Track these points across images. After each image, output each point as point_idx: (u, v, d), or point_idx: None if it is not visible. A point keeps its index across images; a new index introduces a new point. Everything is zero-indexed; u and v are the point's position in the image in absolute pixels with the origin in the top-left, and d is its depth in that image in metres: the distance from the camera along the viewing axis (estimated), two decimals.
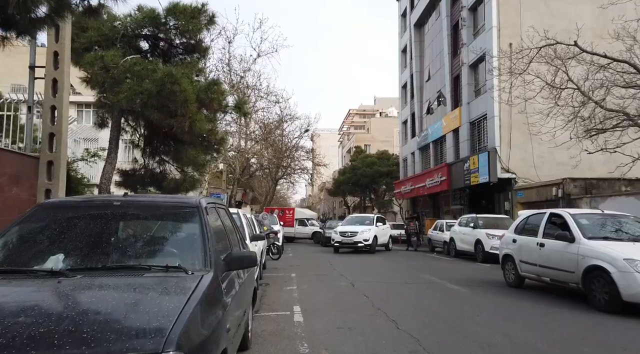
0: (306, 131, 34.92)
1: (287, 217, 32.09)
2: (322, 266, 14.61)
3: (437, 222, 22.45)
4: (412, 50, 36.09)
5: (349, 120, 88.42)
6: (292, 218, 32.20)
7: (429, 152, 33.64)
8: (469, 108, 26.54)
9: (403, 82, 39.83)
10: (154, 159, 11.40)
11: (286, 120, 30.99)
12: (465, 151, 26.72)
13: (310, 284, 10.24)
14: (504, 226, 16.66)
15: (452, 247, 18.41)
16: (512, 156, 23.53)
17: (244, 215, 11.44)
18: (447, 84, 29.45)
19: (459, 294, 9.06)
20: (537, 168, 23.28)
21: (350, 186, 47.86)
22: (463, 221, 18.12)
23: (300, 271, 12.95)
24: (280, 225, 24.43)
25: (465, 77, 26.88)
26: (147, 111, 9.27)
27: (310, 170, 37.85)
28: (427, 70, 33.98)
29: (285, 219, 31.64)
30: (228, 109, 10.76)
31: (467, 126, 26.64)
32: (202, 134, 11.28)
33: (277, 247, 17.21)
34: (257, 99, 24.37)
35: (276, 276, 11.96)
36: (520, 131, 23.59)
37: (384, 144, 55.03)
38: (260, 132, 29.67)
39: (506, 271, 10.02)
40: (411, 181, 35.26)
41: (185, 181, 10.65)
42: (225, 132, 12.97)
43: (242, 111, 10.94)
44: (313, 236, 31.34)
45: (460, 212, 29.13)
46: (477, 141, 26.16)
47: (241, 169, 28.43)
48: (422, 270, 13.60)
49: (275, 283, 10.49)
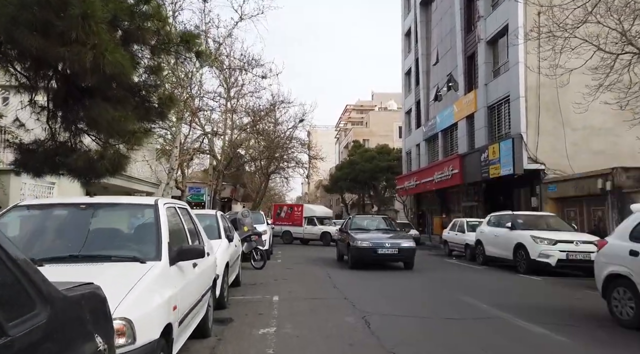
0: (301, 120, 30.78)
1: (295, 215, 27.52)
2: (317, 281, 10.65)
3: (456, 221, 18.54)
4: (418, 32, 32.14)
5: (346, 116, 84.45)
6: (300, 216, 27.31)
7: (436, 143, 29.74)
8: (487, 90, 22.64)
9: (407, 68, 35.90)
10: (67, 127, 7.43)
11: (279, 107, 26.89)
12: (482, 139, 22.83)
13: (297, 322, 6.29)
14: (554, 226, 12.78)
15: (480, 252, 14.50)
16: (541, 143, 19.64)
17: (221, 215, 9.26)
18: (460, 65, 25.54)
19: (554, 346, 5.18)
20: (570, 158, 19.41)
21: (348, 182, 43.92)
22: (494, 219, 14.22)
23: (287, 291, 8.99)
24: (268, 224, 20.46)
25: (482, 55, 22.98)
26: (18, 32, 5.33)
27: (305, 164, 33.78)
28: (434, 52, 30.05)
29: (294, 217, 27.31)
30: (171, 46, 6.85)
31: (485, 110, 22.74)
32: (134, 88, 7.33)
33: (261, 253, 13.28)
34: (240, 72, 20.32)
35: (250, 300, 8.00)
36: (550, 114, 19.72)
37: (383, 139, 51.08)
38: (248, 118, 25.64)
39: (617, 301, 6.09)
40: (416, 176, 31.37)
41: (103, 158, 6.67)
42: (175, 85, 8.66)
43: (195, 50, 7.03)
44: (322, 238, 25.90)
45: (473, 210, 25.28)
46: (496, 128, 22.27)
47: (226, 160, 24.40)
48: (456, 287, 9.66)
49: (243, 318, 6.54)
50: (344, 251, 14.27)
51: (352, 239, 13.04)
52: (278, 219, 29.03)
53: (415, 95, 33.62)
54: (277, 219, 29.42)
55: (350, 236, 13.34)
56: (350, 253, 13.04)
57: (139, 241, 4.01)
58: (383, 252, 12.57)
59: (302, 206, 28.75)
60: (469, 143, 24.62)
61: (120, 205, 4.50)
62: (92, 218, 4.12)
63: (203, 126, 19.55)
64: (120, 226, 4.35)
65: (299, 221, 26.74)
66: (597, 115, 18.61)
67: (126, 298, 2.90)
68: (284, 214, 28.12)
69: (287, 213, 27.91)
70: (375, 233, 13.71)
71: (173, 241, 4.14)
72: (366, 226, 14.70)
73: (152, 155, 15.95)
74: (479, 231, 14.82)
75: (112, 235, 4.15)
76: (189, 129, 18.65)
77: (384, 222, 15.18)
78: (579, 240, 11.52)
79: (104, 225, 4.25)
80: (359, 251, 12.70)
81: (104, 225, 4.25)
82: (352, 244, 12.92)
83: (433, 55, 30.29)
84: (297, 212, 27.37)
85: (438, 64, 29.41)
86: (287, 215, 27.83)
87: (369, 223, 15.06)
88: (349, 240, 13.21)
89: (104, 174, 7.16)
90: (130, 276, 3.20)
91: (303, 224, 26.55)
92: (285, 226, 27.38)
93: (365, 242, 12.76)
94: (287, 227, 27.19)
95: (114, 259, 3.61)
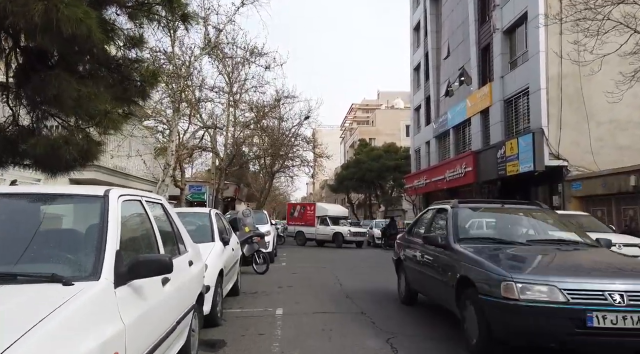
0: (306, 118, 29.47)
1: (308, 214, 25.75)
2: (327, 289, 9.34)
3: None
4: (427, 25, 30.77)
5: (351, 115, 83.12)
6: (313, 216, 25.32)
7: (448, 140, 28.34)
8: (503, 83, 21.25)
9: (415, 64, 34.51)
10: (33, 108, 6.19)
11: (284, 102, 25.59)
12: (498, 135, 21.44)
13: (307, 348, 4.99)
14: (589, 227, 11.39)
15: None
16: (563, 138, 18.23)
17: (216, 214, 7.71)
18: (473, 58, 24.16)
19: None
20: (595, 153, 18.01)
21: (354, 181, 42.64)
22: None
23: (292, 302, 7.70)
24: (272, 224, 19.18)
25: (497, 45, 21.59)
26: None
27: (311, 162, 32.43)
28: (445, 45, 28.67)
29: (307, 217, 25.63)
30: (151, 6, 5.55)
31: (501, 104, 21.35)
32: (112, 62, 6.08)
33: (264, 256, 12.00)
34: (243, 65, 19.04)
35: (249, 314, 6.71)
36: (573, 107, 18.32)
37: (390, 138, 49.75)
38: (251, 114, 24.35)
39: None
40: (425, 174, 29.98)
41: (68, 144, 5.38)
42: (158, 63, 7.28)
43: (180, 13, 5.74)
44: (334, 239, 23.70)
45: None
46: (513, 122, 20.88)
47: (228, 157, 23.14)
48: None
49: (239, 340, 5.24)
50: (434, 289, 6.15)
51: (487, 277, 4.46)
52: (291, 219, 27.45)
53: (424, 91, 32.25)
54: (290, 219, 27.93)
55: (471, 263, 4.90)
56: (490, 317, 4.31)
57: (70, 250, 2.67)
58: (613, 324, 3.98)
59: (315, 204, 26.95)
60: (484, 139, 23.24)
61: (52, 197, 3.06)
62: (7, 214, 2.84)
63: (204, 120, 18.29)
64: (47, 226, 2.92)
65: (312, 221, 25.03)
66: (623, 108, 17.22)
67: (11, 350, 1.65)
68: (297, 213, 26.59)
69: (300, 213, 26.35)
70: (545, 254, 5.22)
71: (131, 249, 2.92)
72: (504, 234, 6.13)
73: (148, 150, 14.71)
74: None
75: (30, 241, 2.68)
76: (188, 122, 17.44)
77: (546, 225, 6.41)
78: (621, 242, 10.16)
79: (21, 226, 2.84)
80: (528, 320, 4.06)
81: (21, 226, 2.84)
82: (491, 296, 4.32)
83: (444, 48, 28.91)
84: (309, 212, 25.63)
85: (449, 57, 28.03)
86: (300, 214, 26.29)
87: (504, 226, 6.62)
88: (471, 274, 4.75)
89: (72, 164, 5.87)
90: (34, 309, 1.97)
91: (315, 224, 24.79)
92: (299, 226, 25.86)
93: (555, 292, 4.04)
94: (301, 228, 25.65)
95: (20, 279, 2.29)
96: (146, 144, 14.96)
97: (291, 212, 27.40)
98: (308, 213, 25.67)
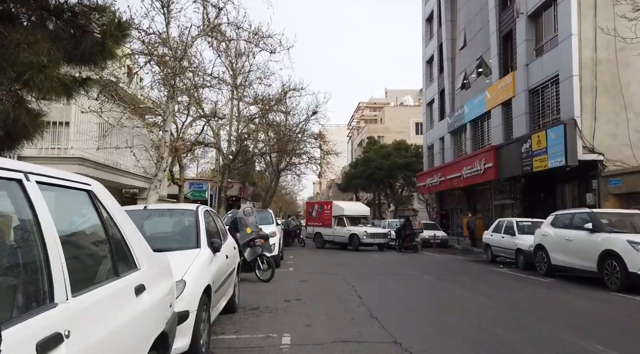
0: (314, 113, 27.74)
1: (325, 214, 22.91)
2: (343, 304, 7.62)
3: (501, 221, 15.38)
4: (442, 15, 28.99)
5: (358, 114, 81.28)
6: (329, 215, 22.41)
7: (464, 135, 26.56)
8: (528, 72, 19.45)
9: (428, 56, 32.72)
10: None
11: (291, 96, 23.81)
12: (522, 128, 19.63)
13: None
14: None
15: (542, 259, 11.38)
16: (598, 130, 16.41)
17: (205, 213, 5.77)
18: (493, 46, 22.36)
19: None
20: (634, 147, 16.20)
21: (363, 180, 40.86)
22: (563, 219, 11.06)
23: (303, 324, 6.00)
24: (278, 224, 17.46)
25: (521, 31, 19.79)
26: None
27: (318, 160, 30.68)
28: (461, 35, 26.87)
29: (324, 216, 22.87)
30: None
31: (525, 95, 19.54)
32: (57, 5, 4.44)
33: (268, 261, 10.33)
34: (247, 54, 17.39)
35: (247, 344, 5.00)
36: (609, 95, 16.50)
37: (399, 135, 47.91)
38: (256, 108, 22.65)
39: None
40: (440, 172, 28.19)
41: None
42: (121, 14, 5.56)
43: None
44: (350, 241, 20.83)
45: (507, 209, 22.13)
46: (540, 114, 19.07)
47: (231, 154, 21.48)
48: (542, 316, 6.60)
49: None
50: None
51: None
52: (310, 219, 25.07)
53: (438, 84, 30.47)
54: (309, 219, 25.48)
55: None
56: None
57: None
58: None
59: (332, 203, 23.79)
60: (505, 133, 21.45)
61: None
62: None
63: (202, 108, 16.59)
64: None
65: (329, 221, 22.36)
66: None
67: None
68: (315, 213, 24.06)
69: (318, 212, 23.75)
70: None
71: None
72: None
73: (140, 141, 13.06)
74: (539, 234, 11.68)
75: None
76: (187, 113, 15.77)
77: None
78: None
79: None
80: None
81: None
82: None
83: (460, 38, 27.12)
84: (326, 211, 22.92)
85: (466, 47, 26.23)
86: (317, 214, 23.74)
87: None
88: None
89: None
90: None
91: (332, 225, 22.07)
92: (317, 227, 23.31)
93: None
94: (319, 229, 23.07)
95: None
96: (138, 135, 13.31)
97: (310, 212, 24.96)
98: (325, 213, 23.05)
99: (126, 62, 11.67)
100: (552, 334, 5.53)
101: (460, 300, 8.05)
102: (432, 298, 8.27)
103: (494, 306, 7.50)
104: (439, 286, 9.91)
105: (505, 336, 5.41)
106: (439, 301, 7.95)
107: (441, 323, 6.19)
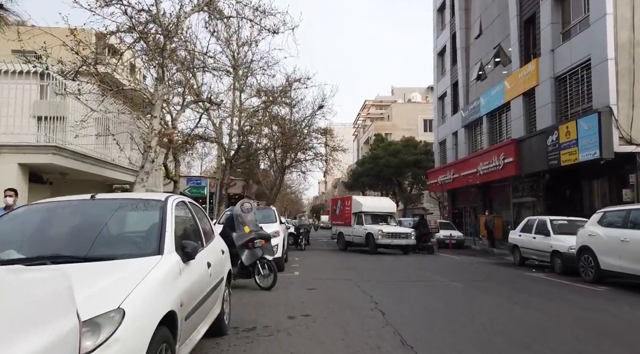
0: (320, 107, 26.08)
1: (345, 211, 20.38)
2: (362, 319, 5.99)
3: (531, 220, 13.66)
4: (455, 3, 27.30)
5: (364, 112, 79.47)
6: (349, 213, 19.88)
7: (480, 130, 24.85)
8: (553, 57, 17.73)
9: (440, 48, 31.01)
10: None
11: (296, 88, 22.17)
12: (548, 119, 17.92)
13: None
14: None
15: (588, 264, 9.70)
16: (637, 119, 14.71)
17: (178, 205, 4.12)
18: (514, 33, 20.65)
19: None
20: None
21: (370, 178, 39.20)
22: (614, 217, 9.37)
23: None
24: (284, 223, 15.84)
25: (546, 14, 18.09)
26: None
27: (324, 156, 28.98)
28: (476, 23, 25.16)
29: (344, 214, 20.41)
30: None
31: (551, 82, 17.83)
32: None
33: (269, 265, 8.72)
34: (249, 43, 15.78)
35: None
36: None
37: (407, 132, 46.18)
38: (259, 100, 21.03)
39: None
40: (453, 168, 26.49)
41: None
42: None
43: None
44: (367, 241, 18.13)
45: (528, 207, 20.41)
46: (568, 103, 17.34)
47: (232, 148, 19.89)
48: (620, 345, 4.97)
49: None
50: None
51: None
52: (334, 218, 22.64)
53: (451, 76, 28.76)
54: (332, 217, 23.05)
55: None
56: None
57: None
58: None
59: (351, 198, 20.84)
60: (527, 125, 19.75)
61: None
62: None
63: (197, 94, 14.94)
64: None
65: (349, 220, 19.83)
66: None
67: None
68: (338, 211, 21.50)
69: (341, 209, 21.18)
70: None
71: None
72: None
73: (126, 128, 11.49)
74: (584, 234, 10.00)
75: None
76: (182, 99, 14.16)
77: None
78: None
79: None
80: None
81: None
82: None
83: (475, 27, 25.41)
84: (346, 208, 20.36)
85: (481, 36, 24.53)
86: (340, 212, 21.20)
87: None
88: None
89: None
90: None
91: (352, 223, 19.50)
92: (340, 226, 20.84)
93: None
94: (341, 228, 20.55)
95: None
96: (124, 122, 11.72)
97: (334, 210, 22.47)
98: (346, 210, 20.50)
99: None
100: None
101: (515, 317, 6.38)
102: (475, 314, 6.61)
103: (558, 325, 5.84)
104: (475, 296, 8.25)
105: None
106: (484, 318, 6.29)
107: (484, 345, 4.54)
